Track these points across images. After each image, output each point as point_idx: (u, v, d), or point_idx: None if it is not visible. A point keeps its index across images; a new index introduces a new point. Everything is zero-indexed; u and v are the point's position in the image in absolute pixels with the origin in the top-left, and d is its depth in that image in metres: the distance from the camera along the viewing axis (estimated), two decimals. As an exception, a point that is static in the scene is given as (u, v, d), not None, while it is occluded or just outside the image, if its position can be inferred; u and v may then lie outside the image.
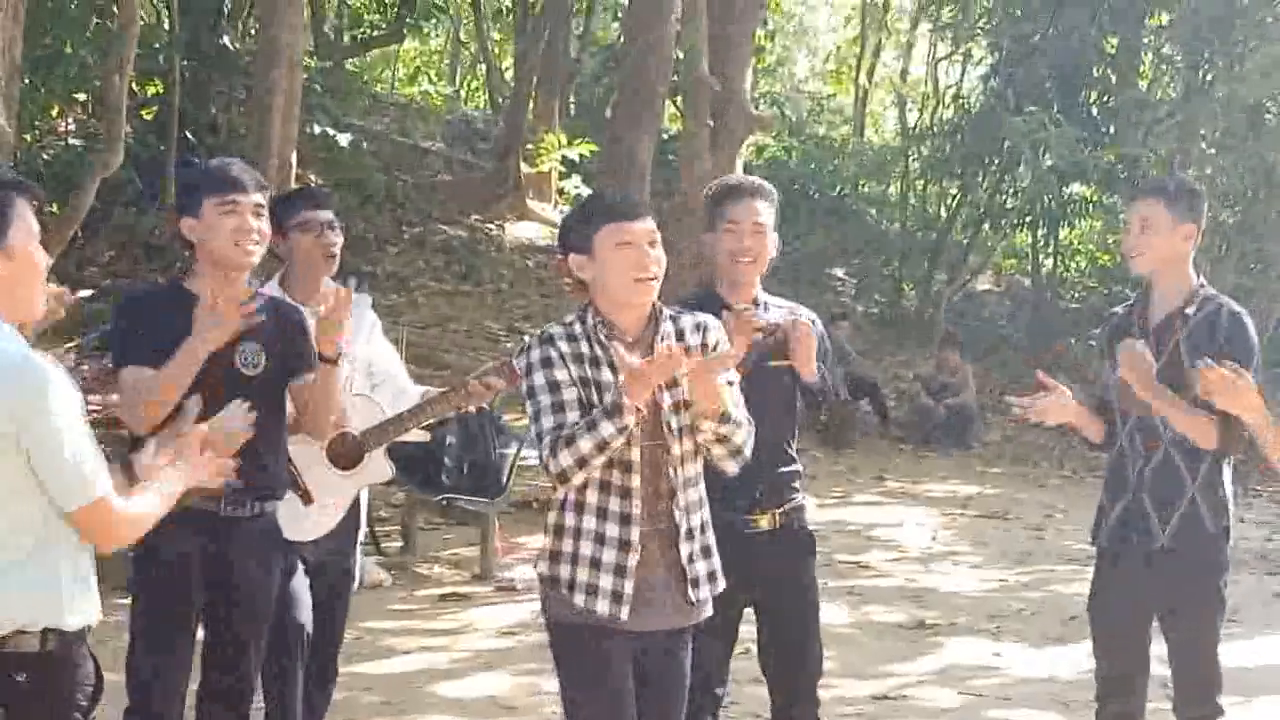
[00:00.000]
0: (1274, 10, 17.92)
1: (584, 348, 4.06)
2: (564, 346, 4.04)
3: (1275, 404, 4.57)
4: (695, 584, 4.14)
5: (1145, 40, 21.50)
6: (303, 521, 5.00)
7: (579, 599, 4.03)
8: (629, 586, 4.01)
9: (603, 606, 4.01)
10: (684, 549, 4.11)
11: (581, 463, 3.89)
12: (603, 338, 4.05)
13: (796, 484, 4.98)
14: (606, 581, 4.02)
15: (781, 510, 4.88)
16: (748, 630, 5.06)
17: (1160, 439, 4.77)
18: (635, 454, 4.01)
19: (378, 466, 5.31)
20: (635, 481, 4.02)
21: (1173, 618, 4.86)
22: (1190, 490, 4.77)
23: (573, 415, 3.96)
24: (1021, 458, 16.05)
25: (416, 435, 5.89)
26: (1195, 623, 4.83)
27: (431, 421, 5.48)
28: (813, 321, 4.95)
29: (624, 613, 4.00)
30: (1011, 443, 16.62)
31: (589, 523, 4.05)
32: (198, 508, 4.23)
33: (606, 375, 4.02)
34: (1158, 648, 4.95)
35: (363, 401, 5.25)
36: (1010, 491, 14.08)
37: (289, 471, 4.85)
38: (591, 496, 4.03)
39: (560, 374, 4.01)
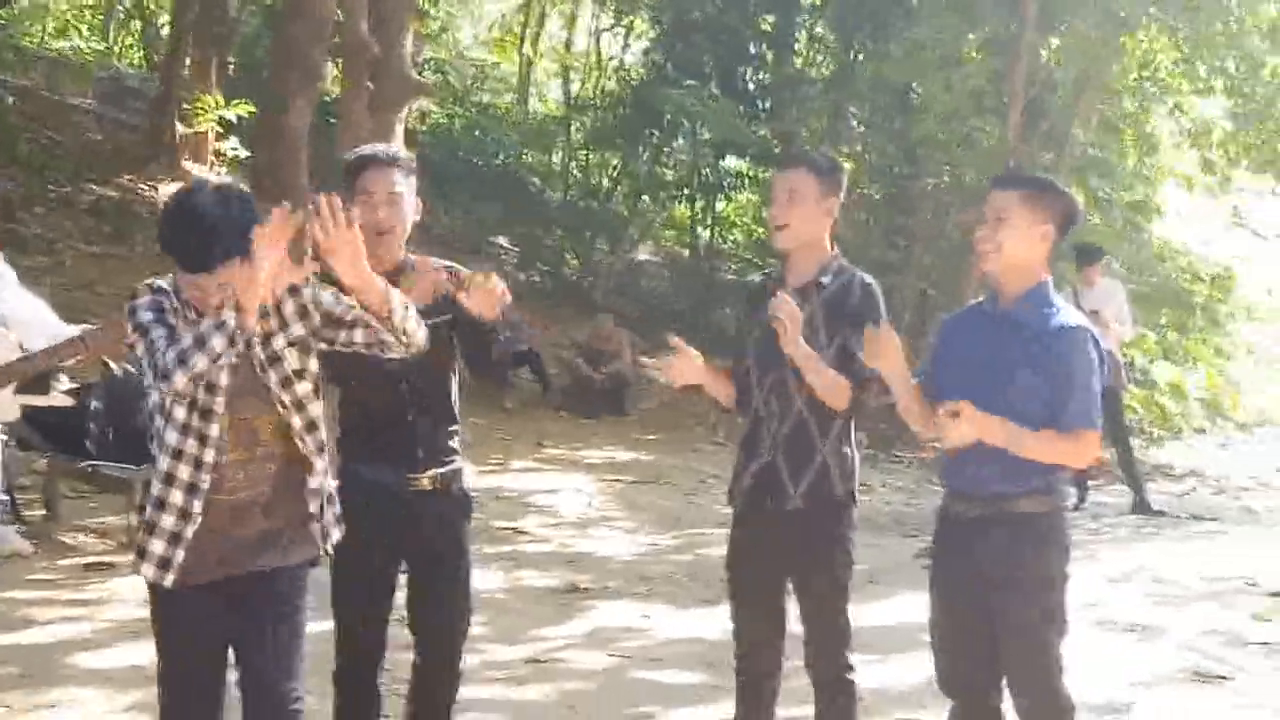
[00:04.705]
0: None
1: (182, 314, 4.08)
2: (166, 302, 4.08)
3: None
4: (324, 534, 4.31)
5: (800, 20, 22.15)
6: None
7: (138, 560, 4.15)
8: (180, 555, 4.09)
9: (148, 571, 4.12)
10: (312, 503, 4.27)
11: (198, 380, 3.95)
12: (192, 315, 4.08)
13: (456, 445, 4.99)
14: (158, 546, 4.10)
15: (442, 472, 4.89)
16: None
17: (794, 401, 4.91)
18: (213, 429, 4.07)
19: (4, 405, 5.15)
20: (209, 456, 4.08)
21: (804, 578, 5.00)
22: (821, 453, 4.93)
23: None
24: (676, 425, 16.36)
25: (60, 400, 5.72)
26: (825, 583, 4.98)
27: (75, 387, 5.32)
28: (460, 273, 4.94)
29: (169, 580, 4.10)
30: (666, 410, 16.93)
31: (156, 488, 4.11)
32: None
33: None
34: (795, 607, 5.12)
35: None
36: (665, 458, 14.36)
37: None
38: (164, 463, 4.09)
39: (171, 319, 4.04)
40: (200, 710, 4.24)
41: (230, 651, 4.26)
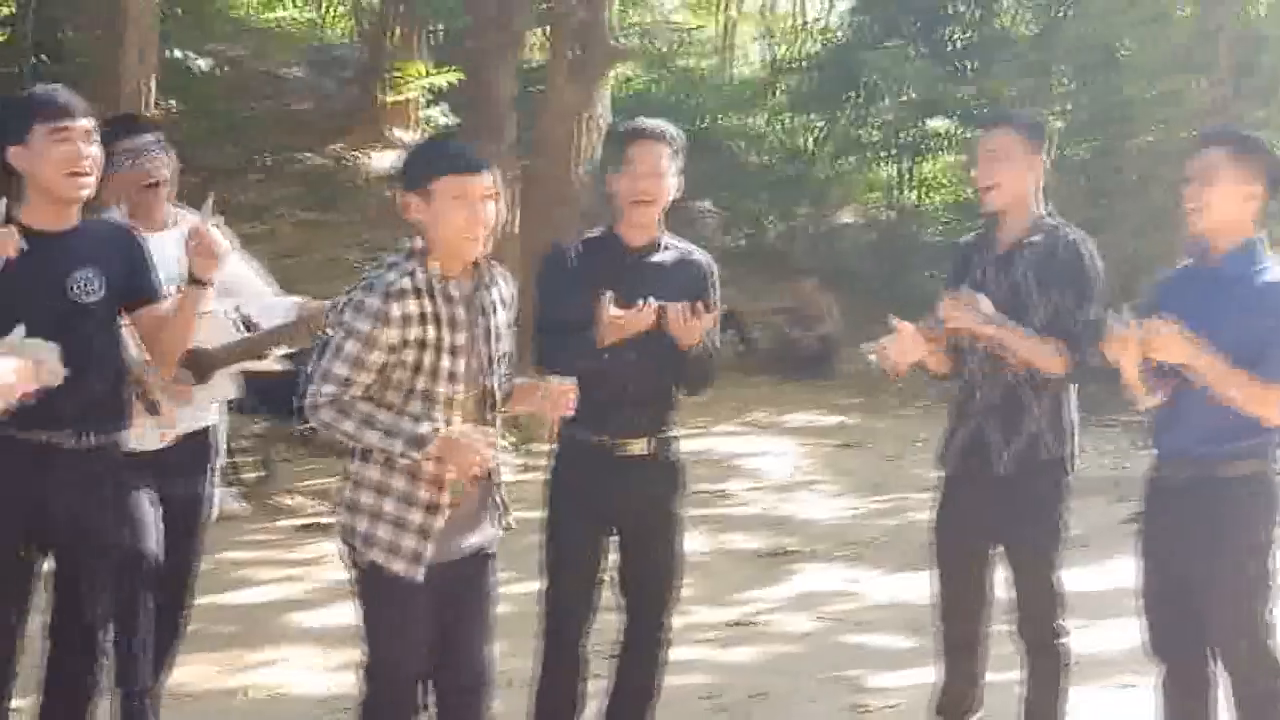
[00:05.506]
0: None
1: (427, 305, 4.04)
2: (412, 307, 4.02)
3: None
4: (506, 509, 4.30)
5: (1004, -22, 21.75)
6: (143, 430, 4.94)
7: (376, 555, 4.08)
8: (430, 549, 4.07)
9: (399, 565, 4.07)
10: (496, 479, 4.25)
11: (352, 441, 4.02)
12: (445, 294, 4.07)
13: (671, 417, 5.05)
14: (410, 541, 4.07)
15: (655, 437, 4.95)
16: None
17: (1006, 366, 4.86)
18: (457, 417, 4.07)
19: (223, 384, 5.25)
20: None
21: (1014, 543, 4.97)
22: (1033, 417, 4.88)
23: (364, 378, 4.00)
24: (879, 388, 16.21)
25: (276, 365, 5.82)
26: (1032, 548, 4.96)
27: (292, 350, 5.40)
28: (709, 265, 5.18)
29: (420, 574, 4.06)
30: (871, 373, 16.76)
31: (397, 481, 4.08)
32: (21, 437, 4.21)
33: (433, 333, 4.04)
34: (1003, 571, 5.07)
35: (209, 320, 5.18)
36: (869, 421, 14.27)
37: (138, 379, 4.78)
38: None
39: (384, 336, 3.99)
40: (409, 696, 4.25)
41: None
